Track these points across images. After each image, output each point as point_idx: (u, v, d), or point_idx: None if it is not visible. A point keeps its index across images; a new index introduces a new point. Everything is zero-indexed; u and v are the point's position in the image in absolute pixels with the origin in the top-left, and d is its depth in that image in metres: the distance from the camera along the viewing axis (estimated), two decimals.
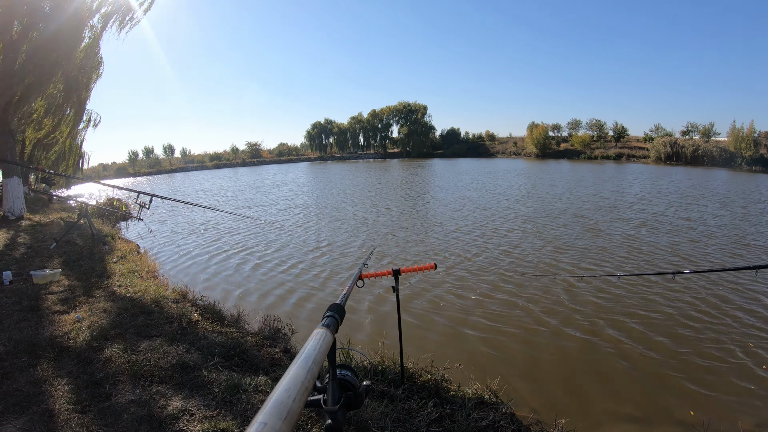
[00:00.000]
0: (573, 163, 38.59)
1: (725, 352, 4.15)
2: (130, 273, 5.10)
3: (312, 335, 0.71)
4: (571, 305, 5.33)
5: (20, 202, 9.05)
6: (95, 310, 3.65)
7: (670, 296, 5.55)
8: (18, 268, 4.97)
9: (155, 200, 6.41)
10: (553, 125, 53.57)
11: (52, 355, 2.77)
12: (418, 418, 2.25)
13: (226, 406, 2.24)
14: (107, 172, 52.49)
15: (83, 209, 6.90)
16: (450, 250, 8.21)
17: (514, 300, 5.55)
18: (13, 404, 2.19)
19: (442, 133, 65.26)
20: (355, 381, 0.83)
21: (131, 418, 2.09)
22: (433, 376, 2.97)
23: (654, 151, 39.56)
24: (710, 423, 3.04)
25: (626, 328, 4.70)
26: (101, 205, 11.80)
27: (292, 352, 3.23)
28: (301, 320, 4.95)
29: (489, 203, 14.39)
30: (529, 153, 49.56)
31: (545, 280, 6.26)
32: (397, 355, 2.85)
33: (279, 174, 36.82)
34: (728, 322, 4.78)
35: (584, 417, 3.20)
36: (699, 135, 42.62)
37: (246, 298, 5.93)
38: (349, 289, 1.23)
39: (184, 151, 65.90)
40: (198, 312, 3.90)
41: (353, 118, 68.42)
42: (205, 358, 2.82)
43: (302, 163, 61.79)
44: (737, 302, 5.33)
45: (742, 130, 34.30)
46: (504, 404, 2.63)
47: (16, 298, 3.93)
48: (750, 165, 32.35)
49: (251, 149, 67.66)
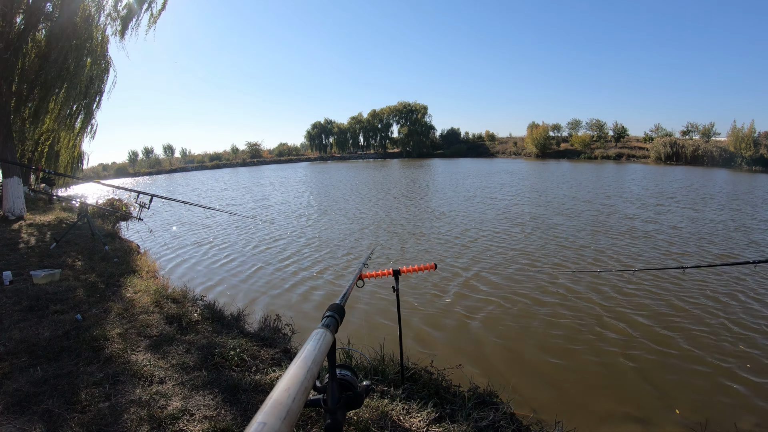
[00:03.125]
0: (573, 163, 38.57)
1: (726, 352, 4.15)
2: (130, 273, 5.10)
3: (312, 335, 0.71)
4: (571, 305, 5.33)
5: (20, 202, 9.05)
6: (95, 310, 3.65)
7: (674, 293, 5.55)
8: (18, 268, 4.97)
9: (155, 200, 6.40)
10: (553, 125, 53.57)
11: (52, 355, 2.77)
12: (418, 418, 2.25)
13: (226, 406, 2.24)
14: (107, 172, 52.51)
15: (83, 209, 6.90)
16: (451, 250, 8.21)
17: (514, 300, 5.55)
18: (13, 404, 2.19)
19: (442, 133, 65.29)
20: (354, 381, 0.83)
21: (131, 418, 2.09)
22: (433, 376, 2.97)
23: (654, 151, 39.54)
24: (708, 423, 3.04)
25: (627, 327, 4.70)
26: (101, 205, 11.80)
27: (292, 352, 3.23)
28: (301, 320, 4.95)
29: (490, 203, 14.39)
30: (529, 153, 49.53)
31: (546, 281, 6.26)
32: (397, 355, 2.85)
33: (279, 174, 36.82)
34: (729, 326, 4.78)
35: (584, 417, 3.20)
36: (699, 135, 42.59)
37: (246, 298, 5.93)
38: (348, 289, 1.23)
39: (184, 151, 66.02)
40: (198, 312, 3.90)
41: (353, 118, 68.42)
42: (205, 358, 2.82)
43: (302, 163, 61.81)
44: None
45: (742, 130, 34.26)
46: (504, 404, 2.63)
47: (16, 298, 3.93)
48: (750, 165, 32.33)
49: (251, 149, 67.66)
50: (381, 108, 66.93)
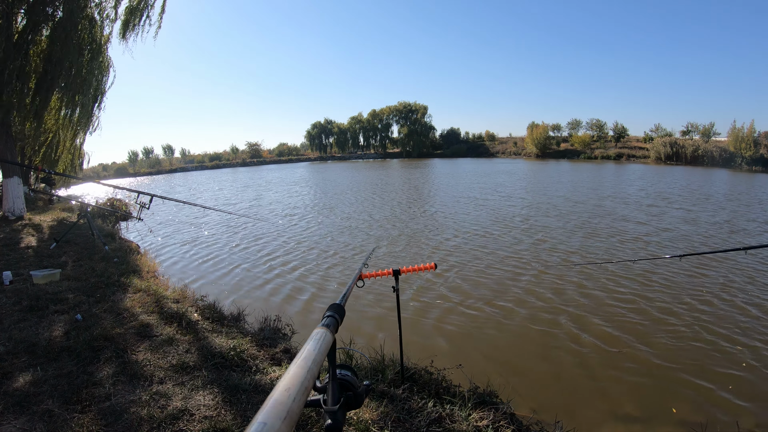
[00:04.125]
0: (573, 163, 38.58)
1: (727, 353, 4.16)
2: (130, 273, 5.10)
3: (312, 335, 0.71)
4: (572, 305, 5.33)
5: (20, 202, 9.05)
6: (95, 310, 3.65)
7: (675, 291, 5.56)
8: (18, 268, 4.97)
9: (155, 200, 6.40)
10: (553, 125, 53.55)
11: (52, 355, 2.77)
12: (418, 418, 2.24)
13: (226, 406, 2.24)
14: (107, 172, 52.47)
15: (83, 209, 6.90)
16: (452, 250, 8.21)
17: (513, 300, 5.55)
18: (13, 404, 2.19)
19: (442, 133, 65.26)
20: (354, 381, 0.83)
21: (131, 418, 2.09)
22: (434, 376, 2.97)
23: (654, 151, 39.52)
24: (708, 423, 3.04)
25: (626, 327, 4.70)
26: (101, 205, 11.80)
27: (292, 352, 3.23)
28: (301, 320, 4.95)
29: (489, 204, 14.39)
30: (529, 153, 49.52)
31: (546, 281, 6.26)
32: (397, 355, 2.85)
33: (279, 174, 36.82)
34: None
35: (584, 417, 3.20)
36: (699, 135, 42.57)
37: (246, 298, 5.93)
38: (349, 288, 1.23)
39: (184, 152, 66.02)
40: (198, 312, 3.90)
41: (353, 118, 68.41)
42: (205, 358, 2.82)
43: (302, 163, 61.81)
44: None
45: (742, 130, 34.25)
46: (504, 404, 2.63)
47: (16, 298, 3.93)
48: (750, 165, 32.33)
49: (251, 149, 67.63)
50: (381, 108, 67.00)
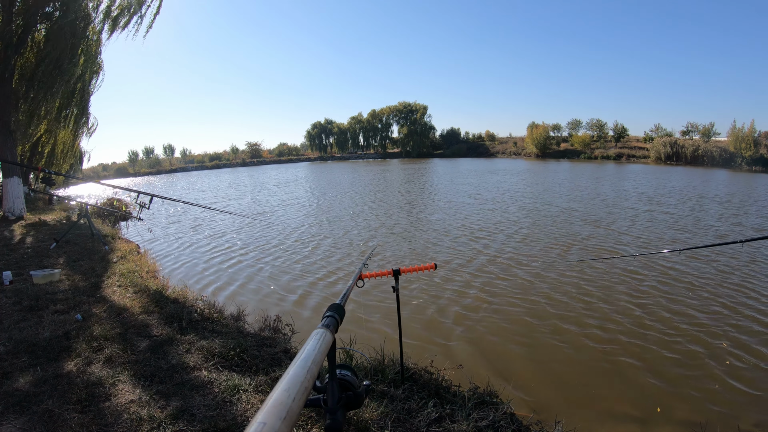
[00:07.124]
0: (573, 163, 38.58)
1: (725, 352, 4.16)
2: (130, 273, 5.10)
3: (312, 335, 0.71)
4: (572, 304, 5.33)
5: (20, 202, 9.05)
6: (95, 310, 3.65)
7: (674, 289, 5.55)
8: (18, 268, 4.97)
9: (155, 200, 6.40)
10: (553, 125, 53.58)
11: (52, 355, 2.77)
12: (418, 418, 2.25)
13: (226, 406, 2.24)
14: (107, 172, 52.51)
15: (83, 209, 6.90)
16: (452, 250, 8.21)
17: (513, 300, 5.55)
18: (13, 404, 2.19)
19: (442, 133, 65.32)
20: (354, 381, 0.83)
21: (131, 418, 2.09)
22: (433, 376, 2.97)
23: (654, 151, 39.54)
24: (708, 423, 3.04)
25: (627, 327, 4.70)
26: (101, 205, 11.80)
27: (292, 352, 3.23)
28: (301, 320, 4.95)
29: (489, 204, 14.39)
30: (529, 153, 49.54)
31: (545, 280, 6.26)
32: (397, 355, 2.85)
33: (279, 174, 36.82)
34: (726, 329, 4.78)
35: (584, 417, 3.20)
36: (699, 135, 42.59)
37: (246, 298, 5.93)
38: (348, 289, 1.23)
39: (184, 151, 66.10)
40: (198, 312, 3.90)
41: (353, 118, 68.44)
42: (205, 358, 2.82)
43: (302, 163, 61.84)
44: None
45: (742, 130, 34.27)
46: (504, 404, 2.63)
47: (16, 298, 3.93)
48: (750, 165, 32.35)
49: (251, 149, 67.66)
50: (381, 108, 67.06)
